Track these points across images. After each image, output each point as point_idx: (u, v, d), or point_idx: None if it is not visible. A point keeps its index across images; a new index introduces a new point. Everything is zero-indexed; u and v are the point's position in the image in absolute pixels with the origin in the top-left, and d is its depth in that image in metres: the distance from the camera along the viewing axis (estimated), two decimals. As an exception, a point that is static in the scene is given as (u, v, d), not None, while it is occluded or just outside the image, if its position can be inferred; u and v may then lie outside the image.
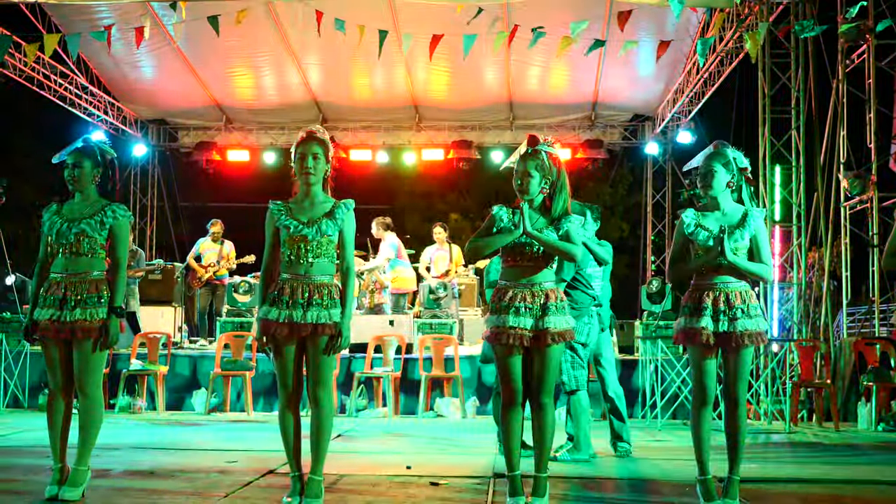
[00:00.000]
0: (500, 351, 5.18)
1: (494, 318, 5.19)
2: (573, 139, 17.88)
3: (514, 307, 5.12)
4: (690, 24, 13.42)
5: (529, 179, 5.22)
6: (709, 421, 5.15)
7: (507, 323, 5.11)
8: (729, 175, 5.24)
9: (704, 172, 5.28)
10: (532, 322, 5.11)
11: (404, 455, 7.65)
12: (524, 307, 5.12)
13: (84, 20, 13.23)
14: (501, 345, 5.14)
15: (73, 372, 5.26)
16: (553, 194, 5.27)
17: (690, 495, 5.69)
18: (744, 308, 5.11)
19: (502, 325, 5.13)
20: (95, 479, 5.86)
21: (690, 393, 10.77)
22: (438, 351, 11.61)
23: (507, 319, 5.12)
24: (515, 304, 5.13)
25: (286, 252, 5.17)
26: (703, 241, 5.16)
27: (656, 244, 19.24)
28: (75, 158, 5.38)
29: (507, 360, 5.16)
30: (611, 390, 7.73)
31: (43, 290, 5.33)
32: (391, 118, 17.97)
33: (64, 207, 5.41)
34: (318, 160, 5.20)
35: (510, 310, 5.13)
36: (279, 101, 17.16)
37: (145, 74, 16.19)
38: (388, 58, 14.69)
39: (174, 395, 11.94)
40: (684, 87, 15.68)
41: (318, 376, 5.13)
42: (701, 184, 5.25)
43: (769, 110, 12.42)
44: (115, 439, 8.37)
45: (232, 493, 5.54)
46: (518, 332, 5.09)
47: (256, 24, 12.86)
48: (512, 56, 14.93)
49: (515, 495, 5.09)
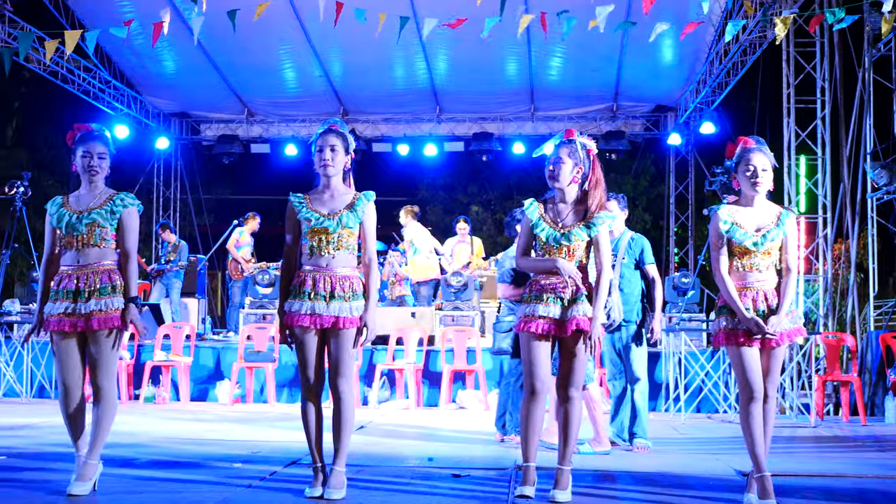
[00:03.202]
0: (527, 340, 5.18)
1: (525, 307, 5.21)
2: (594, 130, 17.79)
3: (543, 297, 5.14)
4: (713, 14, 13.32)
5: (562, 166, 5.23)
6: (760, 416, 5.02)
7: (537, 312, 5.12)
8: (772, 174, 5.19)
9: (763, 168, 5.14)
10: (560, 311, 5.12)
11: (426, 447, 7.67)
12: (554, 297, 5.13)
13: (106, 15, 13.28)
14: (528, 333, 5.14)
15: (88, 365, 5.19)
16: (588, 189, 5.26)
17: (716, 489, 5.67)
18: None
19: (532, 314, 5.14)
20: (120, 469, 5.91)
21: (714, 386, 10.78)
22: (460, 343, 11.61)
23: (537, 309, 5.13)
24: (545, 295, 5.14)
25: (307, 244, 5.17)
26: (740, 239, 5.10)
27: (679, 236, 19.14)
28: (96, 147, 5.27)
29: (533, 349, 5.15)
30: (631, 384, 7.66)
31: (54, 283, 5.22)
32: (412, 110, 17.94)
33: (70, 199, 5.31)
34: (337, 152, 5.20)
35: (540, 299, 5.14)
36: (300, 94, 17.16)
37: (167, 68, 16.23)
38: (409, 50, 14.70)
39: (198, 386, 11.99)
40: (707, 78, 15.59)
41: (339, 368, 5.14)
42: (751, 180, 5.12)
43: (794, 100, 12.32)
44: (139, 430, 8.43)
45: (255, 484, 5.55)
46: (546, 320, 5.10)
47: (277, 16, 12.86)
48: (533, 47, 14.88)
49: (525, 484, 5.09)
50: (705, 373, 10.84)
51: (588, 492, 5.49)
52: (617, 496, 5.48)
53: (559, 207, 5.30)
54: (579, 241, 5.19)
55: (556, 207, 5.30)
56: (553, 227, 5.22)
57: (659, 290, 7.64)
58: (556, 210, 5.29)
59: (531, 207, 5.32)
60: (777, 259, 5.15)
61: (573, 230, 5.19)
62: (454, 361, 11.51)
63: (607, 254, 5.26)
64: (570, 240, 5.18)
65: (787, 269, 5.13)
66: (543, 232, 5.22)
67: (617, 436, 7.65)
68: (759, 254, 5.09)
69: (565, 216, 5.25)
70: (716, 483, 5.90)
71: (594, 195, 5.25)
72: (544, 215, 5.28)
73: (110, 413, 5.21)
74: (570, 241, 5.18)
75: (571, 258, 5.19)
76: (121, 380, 11.33)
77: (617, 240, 7.61)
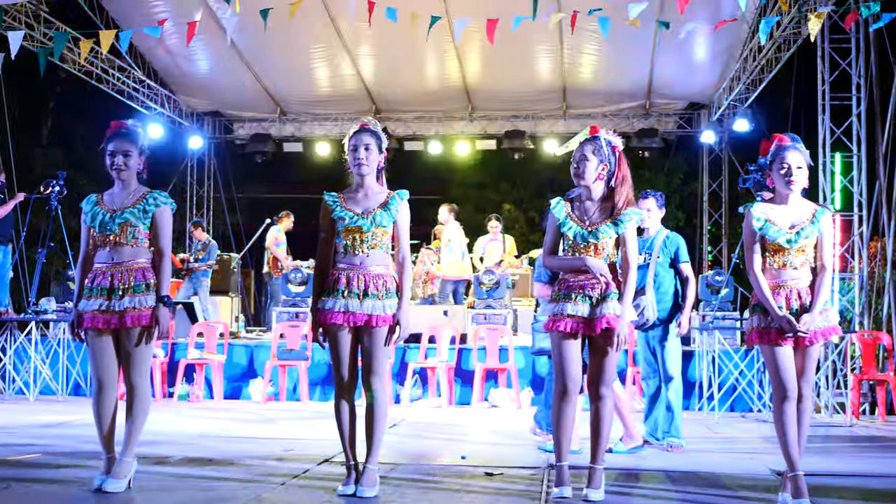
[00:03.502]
0: (557, 339, 5.17)
1: (553, 306, 5.20)
2: (627, 128, 17.71)
3: (572, 296, 5.12)
4: (748, 10, 13.22)
5: (586, 163, 5.22)
6: (793, 415, 4.99)
7: (566, 311, 5.11)
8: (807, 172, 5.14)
9: (798, 166, 5.10)
10: (589, 310, 5.10)
11: (459, 445, 7.67)
12: (583, 296, 5.12)
13: (140, 15, 13.39)
14: (558, 332, 5.13)
15: (121, 362, 5.21)
16: (615, 186, 5.24)
17: (750, 489, 5.64)
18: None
19: (560, 312, 5.13)
20: (154, 466, 5.95)
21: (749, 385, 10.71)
22: (492, 341, 11.60)
23: (565, 307, 5.12)
24: (573, 293, 5.13)
25: (342, 243, 5.18)
26: (773, 236, 5.06)
27: (713, 234, 19.02)
28: (122, 146, 5.28)
29: (564, 348, 5.14)
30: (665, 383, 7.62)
31: (88, 280, 5.26)
32: (444, 108, 17.92)
33: (104, 197, 5.33)
34: (371, 151, 5.21)
35: (569, 298, 5.13)
36: (332, 93, 17.19)
37: (200, 67, 16.32)
38: (441, 48, 14.69)
39: (231, 384, 12.05)
40: (741, 75, 15.47)
41: (372, 366, 5.15)
42: (786, 178, 5.08)
43: (829, 97, 12.21)
44: (173, 427, 8.49)
45: (288, 482, 5.58)
46: (575, 319, 5.09)
47: (310, 15, 12.88)
48: (565, 44, 14.83)
49: (561, 485, 5.08)
50: (739, 371, 10.77)
51: (622, 490, 5.48)
52: (650, 495, 5.46)
53: (586, 205, 5.28)
54: (607, 238, 5.17)
55: (582, 205, 5.29)
56: (580, 225, 5.20)
57: (692, 289, 7.60)
58: (582, 208, 5.28)
59: (558, 206, 5.31)
60: (812, 257, 5.10)
61: (601, 227, 5.17)
62: (486, 360, 11.51)
63: (634, 251, 5.25)
64: (598, 237, 5.16)
65: (822, 266, 5.09)
66: (571, 230, 5.21)
67: (651, 435, 7.63)
68: (793, 251, 5.05)
69: (592, 214, 5.24)
70: (750, 482, 5.86)
71: (621, 192, 5.23)
72: (571, 213, 5.26)
73: (144, 410, 5.24)
74: (597, 238, 5.16)
75: (599, 255, 5.18)
76: (155, 377, 11.41)
77: (653, 238, 7.58)
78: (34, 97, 20.75)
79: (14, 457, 6.50)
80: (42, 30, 13.15)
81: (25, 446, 7.05)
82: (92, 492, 5.10)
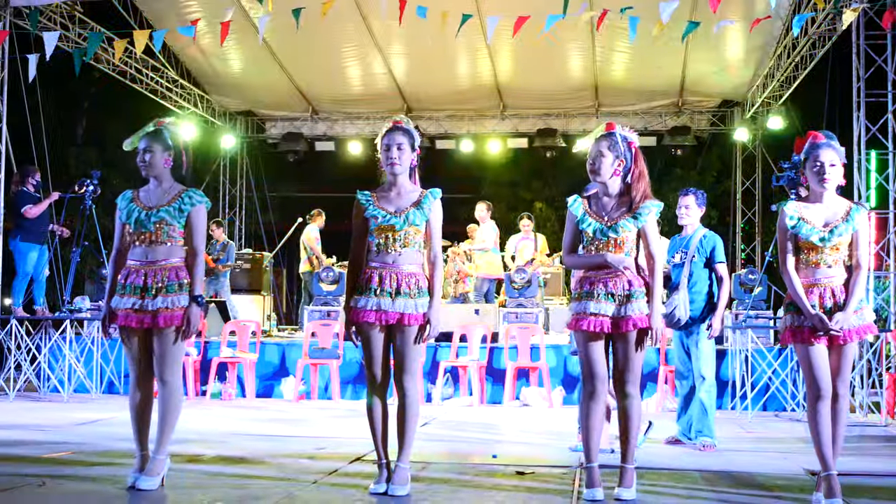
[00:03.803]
0: (581, 338, 5.15)
1: (576, 304, 5.18)
2: (660, 125, 17.65)
3: (595, 293, 5.10)
4: (781, 7, 13.12)
5: (602, 160, 5.21)
6: (827, 415, 4.95)
7: (589, 309, 5.09)
8: (841, 170, 5.09)
9: (831, 164, 5.03)
10: (614, 309, 5.08)
11: (490, 444, 7.66)
12: (606, 294, 5.09)
13: (174, 15, 13.47)
14: (582, 331, 5.11)
15: (153, 360, 5.23)
16: (631, 182, 5.21)
17: (784, 489, 5.59)
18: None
19: (583, 311, 5.11)
20: (187, 464, 5.99)
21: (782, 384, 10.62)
22: (524, 340, 11.58)
23: (588, 306, 5.10)
24: (597, 291, 5.10)
25: (374, 241, 5.19)
26: (806, 235, 5.02)
27: (746, 232, 18.89)
28: (146, 143, 5.31)
29: (588, 347, 5.13)
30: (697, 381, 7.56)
31: (122, 278, 5.27)
32: (475, 107, 17.91)
33: (140, 194, 5.35)
34: (404, 150, 5.22)
35: (592, 296, 5.10)
36: (364, 92, 17.22)
37: (233, 67, 16.39)
38: (472, 46, 14.67)
39: (263, 382, 12.10)
40: (774, 72, 15.35)
41: (404, 365, 5.16)
42: (819, 176, 5.03)
43: (864, 94, 12.08)
44: (206, 425, 8.54)
45: (320, 480, 5.59)
46: (599, 318, 5.06)
47: (341, 14, 12.91)
48: (597, 42, 14.77)
49: (592, 486, 5.06)
50: (772, 370, 10.69)
51: (654, 490, 5.45)
52: (683, 494, 5.42)
53: (603, 201, 5.26)
54: (626, 232, 5.14)
55: (599, 201, 5.27)
56: (599, 221, 5.18)
57: (725, 290, 7.54)
58: (600, 204, 5.26)
59: (575, 203, 5.29)
60: (846, 255, 5.06)
61: (620, 222, 5.14)
62: (518, 358, 11.49)
63: (657, 243, 5.22)
64: (618, 232, 5.13)
65: (856, 265, 5.04)
66: (590, 226, 5.18)
67: (683, 434, 7.59)
68: (827, 250, 5.01)
69: (610, 209, 5.21)
70: (784, 482, 5.82)
71: (637, 187, 5.21)
72: (589, 210, 5.24)
73: (176, 408, 5.26)
74: (617, 233, 5.13)
75: (620, 250, 5.15)
76: (187, 376, 11.47)
77: (690, 236, 7.54)
78: (69, 97, 20.93)
79: (48, 454, 6.57)
80: (77, 30, 13.25)
81: (60, 444, 7.12)
82: (125, 489, 5.13)
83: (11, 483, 5.33)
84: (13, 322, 11.44)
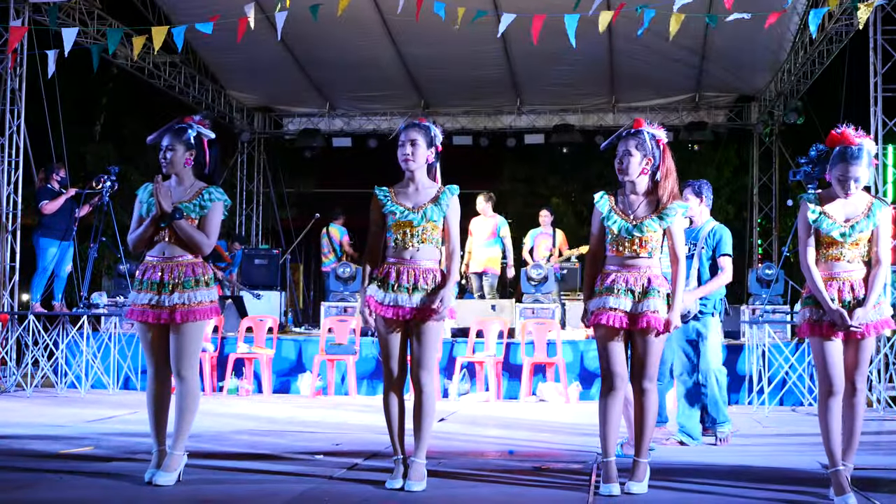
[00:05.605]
0: (600, 333, 5.16)
1: (596, 300, 5.18)
2: (677, 120, 17.60)
3: (615, 289, 5.10)
4: (799, 2, 13.06)
5: (630, 159, 5.19)
6: (838, 410, 4.96)
7: (608, 304, 5.10)
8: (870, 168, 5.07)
9: (856, 179, 5.01)
10: (632, 304, 5.08)
11: (507, 439, 7.67)
12: (625, 289, 5.09)
13: (192, 10, 13.50)
14: (601, 326, 5.12)
15: (170, 356, 5.27)
16: (659, 180, 5.21)
17: (800, 484, 5.57)
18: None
19: (602, 306, 5.12)
20: (204, 460, 6.01)
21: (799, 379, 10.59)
22: (540, 335, 11.57)
23: (607, 301, 5.11)
24: (617, 286, 5.11)
25: (392, 237, 5.21)
26: (827, 229, 5.00)
27: (763, 227, 18.82)
28: (167, 140, 5.34)
29: (607, 342, 5.13)
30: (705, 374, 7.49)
31: (139, 273, 5.33)
32: (492, 103, 17.92)
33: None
34: (419, 147, 5.24)
35: (612, 291, 5.11)
36: (381, 88, 17.24)
37: (250, 63, 16.41)
38: (488, 42, 14.64)
39: (280, 378, 12.13)
40: (791, 67, 15.28)
41: (421, 360, 5.18)
42: (844, 188, 5.01)
43: (881, 88, 12.02)
44: (223, 421, 8.56)
45: (336, 475, 5.61)
46: (617, 313, 5.07)
47: (358, 10, 12.93)
48: (614, 37, 14.73)
49: (609, 482, 5.07)
50: (789, 365, 10.66)
51: (668, 485, 5.44)
52: (697, 489, 5.41)
53: (630, 199, 5.25)
54: (652, 231, 5.14)
55: (626, 199, 5.26)
56: (625, 219, 5.17)
57: (718, 279, 7.32)
58: (626, 202, 5.25)
59: (601, 200, 5.29)
60: (866, 250, 5.05)
61: (645, 221, 5.14)
62: (534, 354, 11.48)
63: (682, 244, 5.23)
64: (643, 231, 5.13)
65: (877, 260, 5.03)
66: (615, 224, 5.18)
67: (684, 433, 7.47)
68: (847, 245, 5.00)
69: (637, 207, 5.21)
70: (801, 477, 5.80)
71: (665, 186, 5.21)
72: (615, 207, 5.24)
73: (193, 404, 5.30)
74: (642, 232, 5.13)
75: (644, 249, 5.15)
76: (204, 371, 11.50)
77: (699, 229, 7.51)
78: (87, 93, 20.99)
79: (66, 450, 6.61)
80: (95, 26, 13.30)
81: (77, 440, 7.16)
82: (142, 485, 5.17)
83: (30, 479, 5.37)
84: (31, 318, 11.51)
